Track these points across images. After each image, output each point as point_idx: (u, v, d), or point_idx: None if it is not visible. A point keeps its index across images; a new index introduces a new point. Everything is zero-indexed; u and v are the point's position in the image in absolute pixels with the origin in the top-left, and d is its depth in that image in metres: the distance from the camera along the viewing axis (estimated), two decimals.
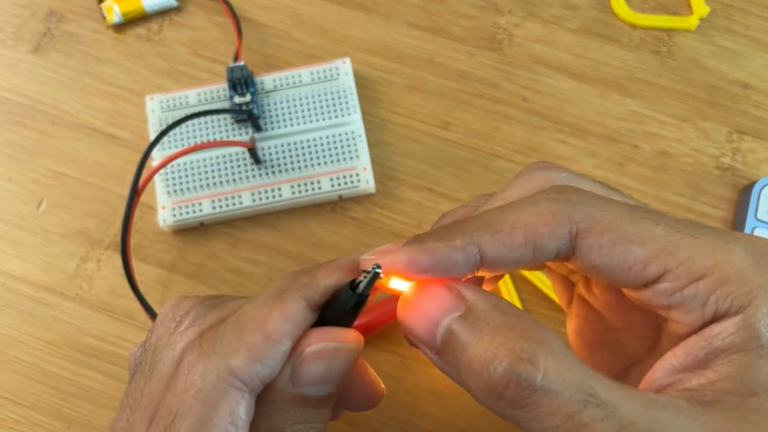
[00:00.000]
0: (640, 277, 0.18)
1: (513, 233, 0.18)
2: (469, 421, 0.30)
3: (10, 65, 0.35)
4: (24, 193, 0.33)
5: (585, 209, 0.18)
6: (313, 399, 0.19)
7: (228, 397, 0.18)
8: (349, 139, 0.33)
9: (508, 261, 0.18)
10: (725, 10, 0.36)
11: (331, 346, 0.19)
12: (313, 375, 0.19)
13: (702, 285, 0.17)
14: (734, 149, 0.34)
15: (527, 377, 0.16)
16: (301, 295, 0.19)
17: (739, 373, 0.16)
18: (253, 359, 0.18)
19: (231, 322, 0.19)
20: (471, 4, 0.36)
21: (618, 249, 0.18)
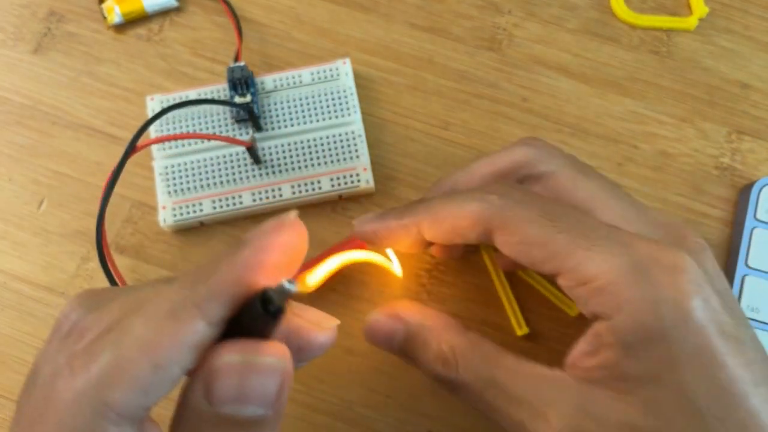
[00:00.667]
0: (540, 270, 0.22)
1: (444, 223, 0.24)
2: (469, 421, 0.30)
3: (11, 65, 0.35)
4: (24, 193, 0.33)
5: (503, 213, 0.22)
6: (241, 421, 0.17)
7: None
8: (349, 139, 0.33)
9: (443, 240, 0.24)
10: (724, 11, 0.36)
11: (237, 360, 0.17)
12: (225, 393, 0.17)
13: (584, 290, 0.21)
14: (733, 149, 0.34)
15: (447, 375, 0.24)
16: (198, 314, 0.17)
17: (613, 365, 0.20)
18: (136, 391, 0.16)
19: (112, 342, 0.17)
20: (471, 5, 0.36)
21: (523, 247, 0.22)
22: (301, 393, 0.30)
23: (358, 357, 0.30)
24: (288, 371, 0.18)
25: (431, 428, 0.30)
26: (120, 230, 0.32)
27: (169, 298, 0.17)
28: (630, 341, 0.20)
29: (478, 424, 0.30)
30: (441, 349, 0.24)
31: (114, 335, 0.17)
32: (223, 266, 0.18)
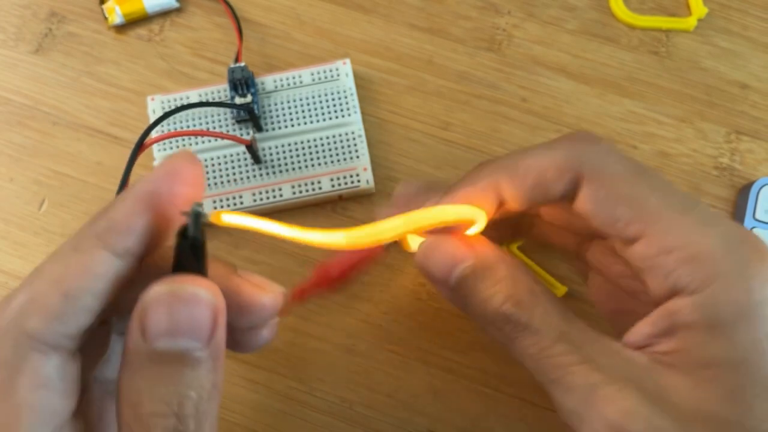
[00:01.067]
0: (621, 233, 0.20)
1: (527, 177, 0.21)
2: (469, 420, 0.30)
3: (11, 66, 0.35)
4: (25, 193, 0.33)
5: (592, 162, 0.21)
6: (174, 355, 0.17)
7: (29, 361, 0.17)
8: (350, 139, 0.33)
9: (522, 199, 0.22)
10: (723, 11, 0.36)
11: (163, 290, 0.18)
12: (157, 325, 0.17)
13: (671, 258, 0.19)
14: (732, 149, 0.34)
15: (517, 317, 0.21)
16: (99, 244, 0.18)
17: (694, 348, 0.19)
18: (51, 320, 0.17)
19: (26, 284, 0.18)
20: (470, 5, 0.36)
21: (610, 203, 0.20)
22: (302, 392, 0.30)
23: (359, 357, 0.30)
24: (219, 307, 0.18)
25: (431, 428, 0.30)
26: None
27: (75, 235, 0.19)
28: (719, 319, 0.18)
29: (478, 424, 0.30)
30: (516, 289, 0.21)
31: (28, 280, 0.18)
32: (119, 201, 0.19)
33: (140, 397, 0.17)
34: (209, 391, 0.18)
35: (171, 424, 0.17)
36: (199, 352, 0.17)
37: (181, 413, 0.17)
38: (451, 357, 0.30)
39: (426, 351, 0.31)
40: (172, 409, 0.17)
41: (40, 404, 0.17)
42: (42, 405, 0.17)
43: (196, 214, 0.18)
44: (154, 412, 0.17)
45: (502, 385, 0.30)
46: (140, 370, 0.17)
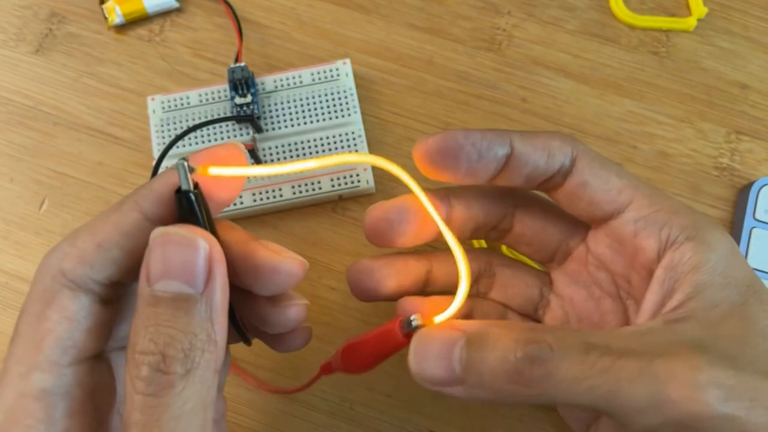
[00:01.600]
0: (613, 200, 0.23)
1: (535, 139, 0.23)
2: (470, 420, 0.30)
3: (12, 66, 0.35)
4: (26, 193, 0.33)
5: (583, 146, 0.24)
6: (168, 299, 0.18)
7: (60, 294, 0.19)
8: (350, 139, 0.33)
9: (529, 159, 0.23)
10: (723, 11, 0.36)
11: (158, 231, 0.19)
12: (155, 266, 0.18)
13: (660, 214, 0.22)
14: (732, 149, 0.34)
15: (540, 353, 0.20)
16: (136, 207, 0.20)
17: (700, 290, 0.21)
18: (83, 264, 0.20)
19: (72, 234, 0.20)
20: (470, 6, 0.36)
21: (603, 173, 0.23)
22: (302, 393, 0.30)
23: None
24: (214, 255, 0.19)
25: (431, 428, 0.30)
26: None
27: (119, 200, 0.21)
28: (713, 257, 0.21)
29: (479, 424, 0.30)
30: (519, 332, 0.20)
31: (76, 229, 0.21)
32: (161, 175, 0.21)
33: (137, 337, 0.18)
34: (203, 341, 0.18)
35: (155, 361, 0.17)
36: (193, 298, 0.18)
37: (166, 353, 0.18)
38: None
39: None
40: (159, 348, 0.18)
41: (62, 334, 0.19)
42: (64, 335, 0.19)
43: (182, 166, 0.20)
44: (143, 350, 0.18)
45: None
46: (140, 313, 0.18)
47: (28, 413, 0.19)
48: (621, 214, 0.23)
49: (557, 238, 0.27)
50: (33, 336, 0.19)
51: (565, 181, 0.24)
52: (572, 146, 0.24)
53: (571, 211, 0.25)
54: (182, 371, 0.18)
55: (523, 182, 0.24)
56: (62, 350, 0.19)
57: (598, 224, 0.25)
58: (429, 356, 0.21)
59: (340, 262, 0.32)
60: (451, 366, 0.21)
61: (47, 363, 0.19)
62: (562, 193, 0.24)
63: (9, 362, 0.19)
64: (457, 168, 0.23)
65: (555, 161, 0.23)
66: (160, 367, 0.17)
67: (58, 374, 0.19)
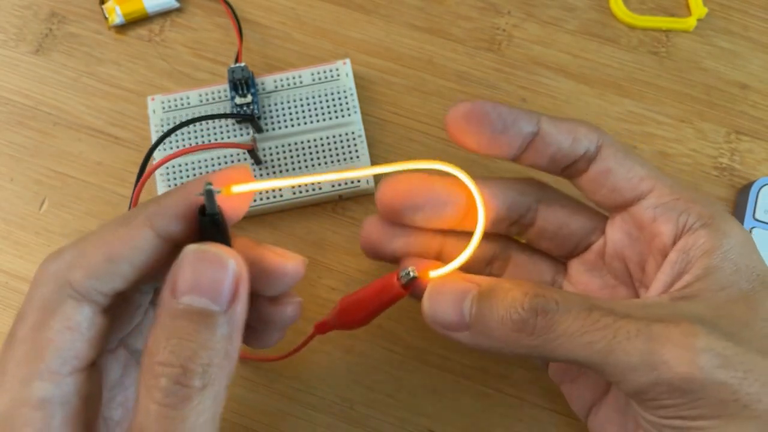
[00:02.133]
0: (635, 187, 0.24)
1: (562, 123, 0.24)
2: (469, 420, 0.30)
3: (12, 66, 0.35)
4: (26, 193, 0.33)
5: (609, 137, 0.25)
6: (193, 313, 0.19)
7: (64, 305, 0.20)
8: (350, 139, 0.33)
9: (554, 140, 0.24)
10: (723, 11, 0.36)
11: (191, 248, 0.20)
12: (184, 282, 0.19)
13: (679, 202, 0.23)
14: (732, 149, 0.34)
15: (545, 305, 0.21)
16: (148, 223, 0.20)
17: (709, 273, 0.22)
18: (91, 276, 0.20)
19: (79, 240, 0.21)
20: (470, 6, 0.36)
21: (627, 161, 0.24)
22: (302, 392, 0.30)
23: (359, 356, 0.30)
24: (241, 276, 0.20)
25: (431, 428, 0.30)
26: None
27: (127, 212, 0.21)
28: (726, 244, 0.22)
29: (479, 424, 0.30)
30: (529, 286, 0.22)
31: (82, 238, 0.21)
32: (172, 192, 0.21)
33: (157, 347, 0.18)
34: (221, 358, 0.19)
35: (176, 374, 0.18)
36: (217, 315, 0.19)
37: (187, 367, 0.18)
38: (451, 357, 0.31)
39: (426, 351, 0.31)
40: (180, 361, 0.18)
41: (64, 344, 0.20)
42: (66, 345, 0.20)
43: (209, 191, 0.20)
44: (163, 361, 0.18)
45: (502, 385, 0.30)
46: (162, 324, 0.19)
47: (27, 422, 0.19)
48: (641, 200, 0.24)
49: (579, 233, 0.27)
50: (34, 344, 0.19)
51: (589, 167, 0.25)
52: (598, 134, 0.24)
53: (592, 197, 0.25)
54: (200, 385, 0.18)
55: (547, 163, 0.25)
56: (63, 360, 0.19)
57: (617, 211, 0.26)
58: (442, 300, 0.23)
59: (340, 262, 0.32)
60: (461, 312, 0.23)
61: (48, 372, 0.19)
62: (586, 179, 0.25)
63: (7, 366, 0.19)
64: (481, 134, 0.24)
65: (580, 146, 0.24)
66: (180, 380, 0.18)
67: (58, 383, 0.19)
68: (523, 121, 0.24)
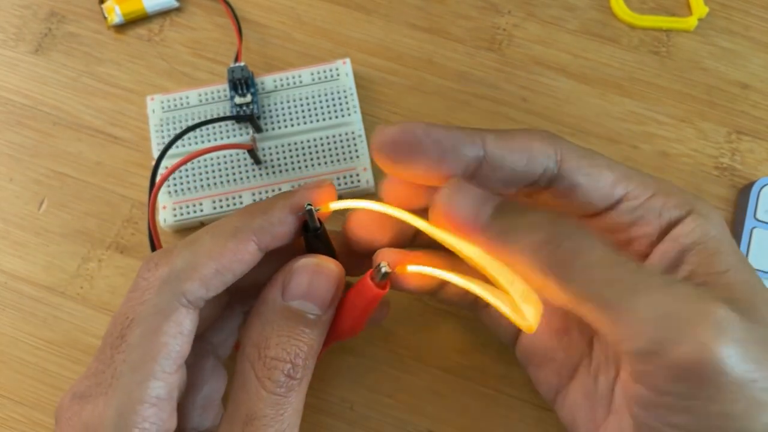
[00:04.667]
0: (608, 196, 0.22)
1: (513, 139, 0.22)
2: (469, 420, 0.30)
3: (11, 66, 0.35)
4: (25, 193, 0.33)
5: (567, 143, 0.23)
6: (300, 315, 0.22)
7: (178, 312, 0.21)
8: (349, 139, 0.33)
9: (505, 161, 0.22)
10: (724, 11, 0.36)
11: (311, 261, 0.23)
12: (298, 287, 0.22)
13: (655, 200, 0.22)
14: (733, 149, 0.34)
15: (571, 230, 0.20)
16: (254, 239, 0.22)
17: (707, 257, 0.21)
18: (202, 287, 0.22)
19: (186, 249, 0.22)
20: (470, 5, 0.36)
21: (594, 170, 0.22)
22: None
23: (359, 357, 0.30)
24: (341, 284, 0.23)
25: (431, 428, 0.30)
26: (120, 230, 0.32)
27: (232, 223, 0.22)
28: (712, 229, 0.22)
29: (478, 424, 0.30)
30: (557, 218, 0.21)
31: (190, 244, 0.22)
32: (276, 207, 0.23)
33: (267, 342, 0.22)
34: (315, 351, 0.23)
35: (287, 369, 0.22)
36: (319, 319, 0.23)
37: (295, 362, 0.22)
38: (451, 357, 0.30)
39: (426, 351, 0.31)
40: (290, 356, 0.22)
41: (174, 347, 0.21)
42: (176, 348, 0.21)
43: (309, 210, 0.23)
44: (276, 356, 0.22)
45: (502, 385, 0.30)
46: (271, 321, 0.22)
47: (143, 418, 0.20)
48: (616, 206, 0.23)
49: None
50: (150, 347, 0.21)
51: (554, 185, 0.22)
52: (555, 146, 0.22)
53: (560, 209, 0.23)
54: (300, 377, 0.22)
55: (501, 186, 0.22)
56: (173, 360, 0.21)
57: (589, 218, 0.24)
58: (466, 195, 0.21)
59: None
60: (480, 212, 0.21)
61: (161, 373, 0.21)
62: (551, 196, 0.23)
63: (121, 369, 0.21)
64: (415, 165, 0.22)
65: (536, 164, 0.22)
66: (290, 374, 0.22)
67: (169, 382, 0.21)
68: (464, 144, 0.21)
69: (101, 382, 0.21)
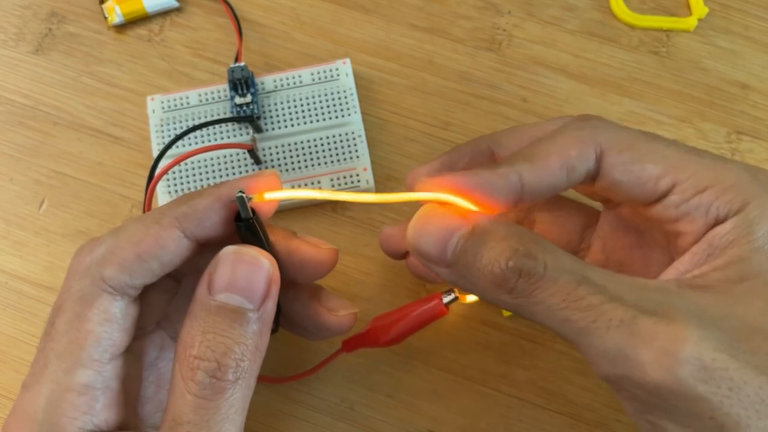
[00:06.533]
0: (653, 191, 0.21)
1: (549, 159, 0.21)
2: (469, 420, 0.30)
3: (12, 66, 0.35)
4: (26, 193, 0.33)
5: (606, 133, 0.21)
6: (228, 309, 0.20)
7: (101, 298, 0.21)
8: (349, 139, 0.33)
9: (546, 185, 0.21)
10: (724, 11, 0.36)
11: (231, 249, 0.21)
12: (221, 279, 0.21)
13: (705, 195, 0.20)
14: (733, 149, 0.34)
15: (531, 268, 0.19)
16: (177, 224, 0.22)
17: (731, 263, 0.19)
18: (124, 272, 0.21)
19: (110, 235, 0.22)
20: (470, 5, 0.36)
21: (636, 166, 0.21)
22: (302, 393, 0.30)
23: (359, 357, 0.30)
24: (274, 278, 0.21)
25: (431, 428, 0.30)
26: None
27: (160, 210, 0.22)
28: (756, 234, 0.19)
29: (478, 424, 0.30)
30: (522, 242, 0.20)
31: (115, 231, 0.22)
32: (203, 195, 0.22)
33: (193, 341, 0.20)
34: (252, 352, 0.20)
35: (211, 368, 0.20)
36: (250, 313, 0.21)
37: (222, 362, 0.20)
38: (451, 357, 0.30)
39: (426, 351, 0.31)
40: (215, 356, 0.20)
41: (102, 335, 0.21)
42: (104, 336, 0.21)
43: (241, 198, 0.21)
44: (200, 355, 0.20)
45: (502, 385, 0.30)
46: (198, 319, 0.20)
47: (73, 406, 0.20)
48: (663, 199, 0.21)
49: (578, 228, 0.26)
50: (75, 335, 0.21)
51: (595, 182, 0.22)
52: (594, 145, 0.21)
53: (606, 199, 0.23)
54: (233, 379, 0.20)
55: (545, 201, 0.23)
56: (103, 349, 0.21)
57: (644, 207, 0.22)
58: (429, 232, 0.21)
59: (340, 262, 0.32)
60: (445, 249, 0.21)
61: (90, 360, 0.21)
62: (594, 194, 0.23)
63: (49, 357, 0.21)
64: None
65: (577, 175, 0.21)
66: (216, 375, 0.20)
67: (100, 370, 0.21)
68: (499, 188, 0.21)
69: (35, 372, 0.21)
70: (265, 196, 0.22)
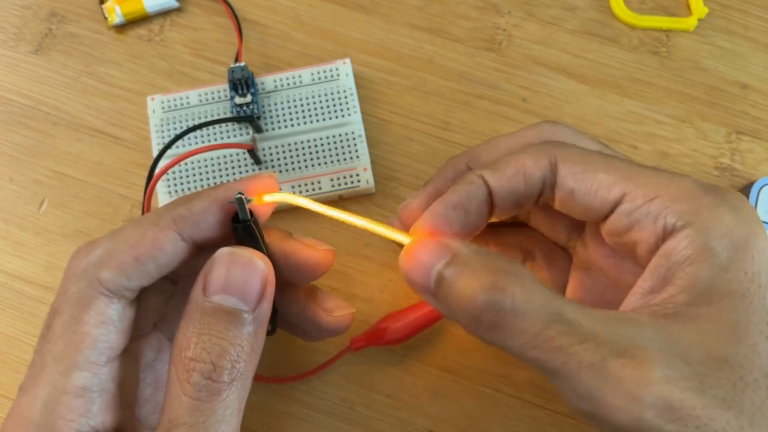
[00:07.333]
0: (605, 200, 0.22)
1: (507, 166, 0.23)
2: (469, 420, 0.30)
3: (12, 66, 0.35)
4: (26, 193, 0.33)
5: (563, 149, 0.23)
6: (223, 311, 0.20)
7: (98, 301, 0.21)
8: (350, 139, 0.33)
9: (507, 190, 0.23)
10: (724, 11, 0.36)
11: (226, 251, 0.21)
12: (216, 280, 0.21)
13: (654, 204, 0.21)
14: (733, 149, 0.34)
15: (498, 302, 0.19)
16: (174, 227, 0.22)
17: (695, 284, 0.19)
18: (120, 275, 0.21)
19: (107, 238, 0.22)
20: (470, 5, 0.36)
21: (588, 175, 0.22)
22: (302, 393, 0.30)
23: (359, 357, 0.30)
24: (269, 279, 0.21)
25: (431, 428, 0.30)
26: None
27: (157, 212, 0.22)
28: (715, 249, 0.19)
29: (478, 424, 0.30)
30: (493, 275, 0.20)
31: (112, 234, 0.22)
32: (200, 197, 0.22)
33: (188, 342, 0.20)
34: (247, 354, 0.20)
35: (207, 370, 0.20)
36: (245, 314, 0.21)
37: (217, 364, 0.20)
38: (451, 357, 0.30)
39: (426, 351, 0.31)
40: (210, 357, 0.20)
41: (99, 337, 0.21)
42: (101, 338, 0.21)
43: (240, 200, 0.22)
44: (195, 357, 0.20)
45: (502, 385, 0.30)
46: (193, 320, 0.20)
47: (69, 409, 0.20)
48: (616, 208, 0.22)
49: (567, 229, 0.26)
50: (72, 337, 0.21)
51: (554, 192, 0.23)
52: (548, 156, 0.22)
53: (572, 215, 0.24)
54: (228, 380, 0.20)
55: (516, 207, 0.23)
56: (99, 351, 0.21)
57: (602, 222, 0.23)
58: (416, 263, 0.22)
59: (340, 262, 0.32)
60: (429, 279, 0.21)
61: (86, 363, 0.21)
62: (557, 204, 0.23)
63: (46, 359, 0.21)
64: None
65: (534, 182, 0.22)
66: (211, 376, 0.20)
67: (96, 373, 0.21)
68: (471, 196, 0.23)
69: (32, 374, 0.21)
70: (264, 199, 0.23)
